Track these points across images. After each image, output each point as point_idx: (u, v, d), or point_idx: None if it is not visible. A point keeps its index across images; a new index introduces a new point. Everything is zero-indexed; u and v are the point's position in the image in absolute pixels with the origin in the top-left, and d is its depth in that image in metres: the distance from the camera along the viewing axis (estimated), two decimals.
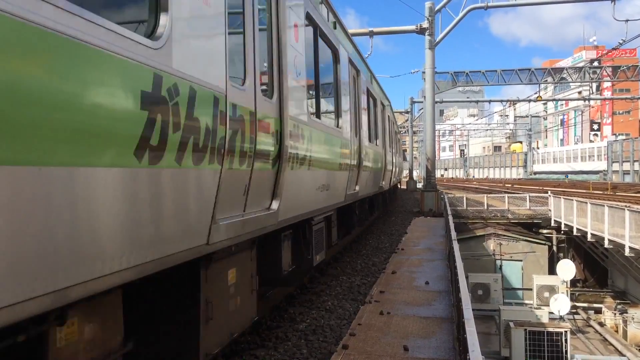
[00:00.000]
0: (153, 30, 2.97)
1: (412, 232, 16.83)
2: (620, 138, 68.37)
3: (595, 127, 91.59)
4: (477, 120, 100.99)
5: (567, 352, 15.95)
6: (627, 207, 17.53)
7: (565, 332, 16.24)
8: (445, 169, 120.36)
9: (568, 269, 21.39)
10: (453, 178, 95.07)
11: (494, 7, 25.94)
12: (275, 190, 4.98)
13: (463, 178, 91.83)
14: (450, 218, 16.26)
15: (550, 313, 19.58)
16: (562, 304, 19.31)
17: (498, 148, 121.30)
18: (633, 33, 30.84)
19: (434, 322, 6.71)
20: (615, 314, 21.41)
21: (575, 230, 22.01)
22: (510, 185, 47.48)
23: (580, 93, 76.71)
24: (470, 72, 39.05)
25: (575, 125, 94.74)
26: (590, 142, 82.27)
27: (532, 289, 22.48)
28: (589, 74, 40.32)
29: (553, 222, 25.80)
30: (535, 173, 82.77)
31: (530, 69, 39.91)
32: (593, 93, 69.24)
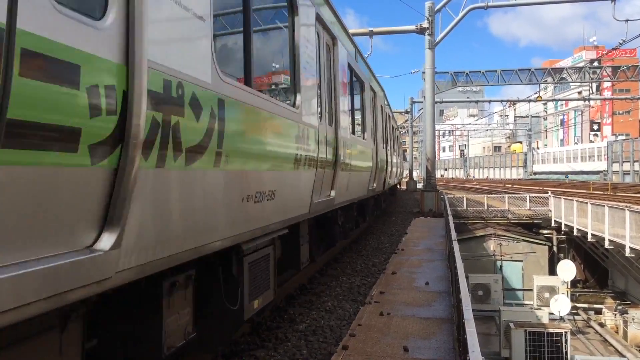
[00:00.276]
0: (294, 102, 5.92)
1: (412, 232, 16.82)
2: (620, 138, 68.38)
3: (595, 127, 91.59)
4: (477, 121, 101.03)
5: (567, 352, 15.94)
6: (627, 207, 17.53)
7: (566, 332, 16.23)
8: (445, 169, 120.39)
9: (568, 270, 21.38)
10: (453, 178, 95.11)
11: (494, 6, 25.94)
12: None
13: (463, 178, 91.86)
14: (451, 218, 16.25)
15: (551, 314, 19.57)
16: (562, 305, 19.29)
17: (498, 148, 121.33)
18: (633, 33, 30.81)
19: (434, 322, 6.70)
20: (616, 315, 21.39)
21: (576, 231, 22.00)
22: (511, 186, 47.49)
23: (580, 93, 76.68)
24: (470, 72, 39.06)
25: (575, 126, 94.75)
26: (590, 142, 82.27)
27: (532, 290, 22.47)
28: (589, 74, 40.31)
29: (553, 222, 25.79)
30: (536, 173, 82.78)
31: (530, 69, 39.92)
32: (593, 93, 69.21)
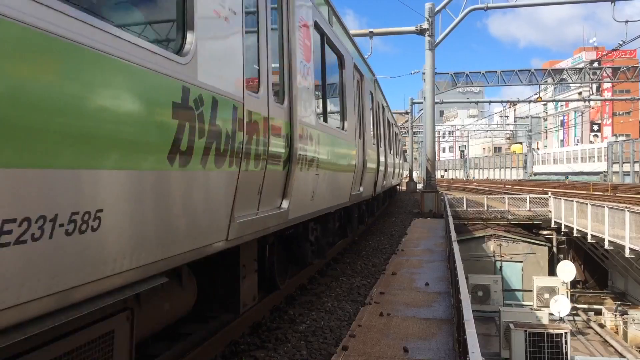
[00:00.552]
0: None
1: (412, 233, 16.82)
2: (621, 139, 68.38)
3: (596, 128, 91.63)
4: (477, 121, 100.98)
5: (567, 353, 15.95)
6: (627, 208, 17.53)
7: (566, 333, 16.24)
8: (445, 170, 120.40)
9: (568, 270, 21.40)
10: (453, 179, 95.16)
11: (494, 7, 25.96)
12: None
13: (463, 179, 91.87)
14: (450, 219, 16.25)
15: (551, 314, 19.59)
16: (562, 306, 19.31)
17: (498, 149, 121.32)
18: (633, 34, 30.87)
19: (434, 323, 6.70)
20: (616, 316, 21.40)
21: (576, 232, 22.01)
22: (511, 186, 47.50)
23: (580, 94, 76.77)
24: (470, 72, 39.10)
25: (576, 126, 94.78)
26: (591, 143, 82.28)
27: (532, 290, 22.49)
28: (589, 75, 40.35)
29: (553, 223, 25.80)
30: (536, 174, 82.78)
31: (530, 70, 39.95)
32: (593, 94, 69.27)
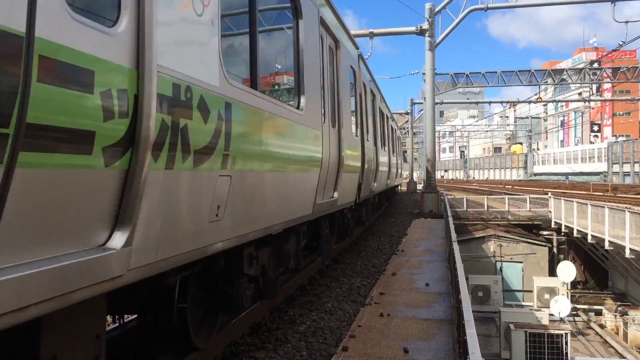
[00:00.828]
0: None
1: (412, 233, 16.81)
2: (621, 139, 68.36)
3: (596, 128, 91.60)
4: (477, 122, 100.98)
5: (567, 354, 15.94)
6: (627, 208, 17.52)
7: (566, 334, 16.23)
8: (446, 170, 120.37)
9: (568, 271, 21.38)
10: (453, 179, 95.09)
11: (494, 8, 25.96)
12: None
13: (463, 179, 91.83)
14: (451, 219, 16.23)
15: (551, 315, 19.58)
16: (562, 306, 19.30)
17: (498, 149, 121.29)
18: (633, 34, 30.88)
19: (434, 324, 6.70)
20: (616, 316, 21.38)
21: (576, 232, 21.99)
22: (511, 187, 47.48)
23: (581, 94, 76.73)
24: (471, 73, 39.08)
25: (576, 127, 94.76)
26: (591, 143, 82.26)
27: (532, 291, 22.47)
28: (589, 76, 40.33)
29: (553, 223, 25.78)
30: (536, 174, 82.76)
31: (531, 71, 39.93)
32: (593, 94, 69.18)
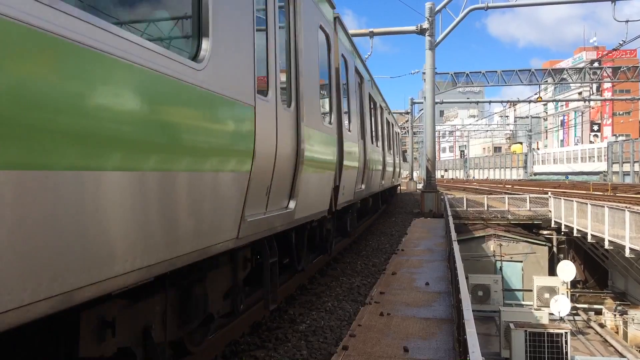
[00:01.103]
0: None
1: (412, 233, 16.82)
2: (621, 139, 68.37)
3: (596, 128, 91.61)
4: (477, 121, 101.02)
5: (567, 353, 15.96)
6: (627, 208, 17.52)
7: (566, 333, 16.25)
8: (446, 170, 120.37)
9: (568, 270, 21.39)
10: (453, 179, 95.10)
11: (494, 7, 25.94)
12: None
13: (463, 179, 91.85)
14: (451, 219, 16.24)
15: (551, 314, 19.59)
16: (562, 305, 19.31)
17: (498, 149, 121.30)
18: (633, 34, 30.89)
19: (434, 323, 6.70)
20: (616, 315, 21.40)
21: (576, 231, 22.01)
22: (511, 186, 47.48)
23: (581, 94, 76.75)
24: (471, 72, 39.09)
25: (576, 126, 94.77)
26: (591, 143, 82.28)
27: (532, 290, 22.48)
28: (589, 75, 40.33)
29: (553, 223, 25.80)
30: (536, 174, 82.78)
31: (531, 70, 39.94)
32: (593, 94, 69.23)
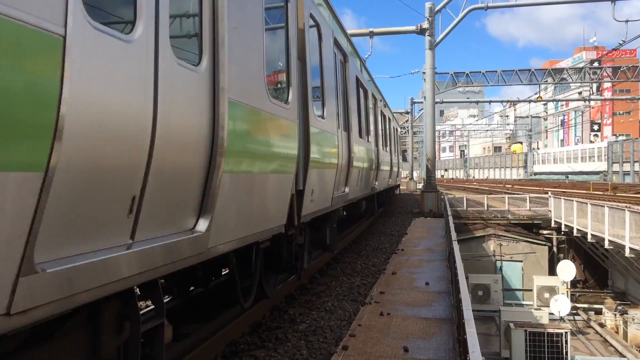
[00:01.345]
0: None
1: (412, 232, 16.81)
2: (621, 139, 68.37)
3: (596, 127, 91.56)
4: (477, 121, 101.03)
5: (567, 353, 15.95)
6: (627, 207, 17.52)
7: (566, 333, 16.24)
8: (446, 170, 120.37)
9: (568, 270, 21.38)
10: (453, 179, 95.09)
11: (494, 7, 25.93)
12: None
13: (463, 179, 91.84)
14: (451, 219, 16.24)
15: (551, 314, 19.58)
16: (562, 305, 19.30)
17: (498, 149, 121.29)
18: (633, 33, 30.89)
19: (434, 323, 6.70)
20: (616, 315, 21.39)
21: (576, 231, 22.00)
22: (511, 186, 47.48)
23: (581, 94, 76.72)
24: (471, 72, 39.11)
25: (576, 126, 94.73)
26: (591, 142, 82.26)
27: (532, 290, 22.48)
28: (589, 75, 40.33)
29: (553, 222, 25.79)
30: (536, 174, 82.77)
31: (531, 70, 39.95)
32: (593, 94, 69.18)
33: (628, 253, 17.05)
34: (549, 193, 28.04)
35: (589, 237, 20.33)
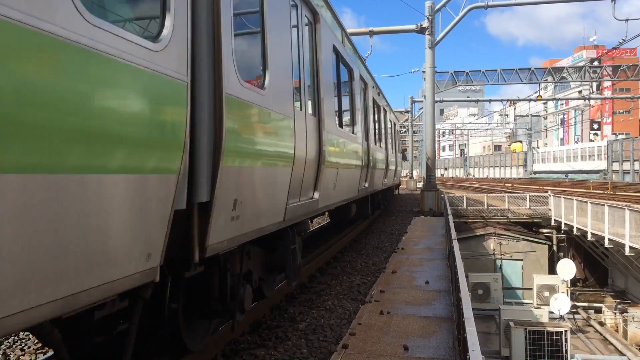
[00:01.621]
0: None
1: (412, 231, 16.82)
2: (621, 137, 68.38)
3: (596, 126, 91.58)
4: (477, 120, 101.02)
5: (567, 351, 15.95)
6: (627, 206, 17.54)
7: (566, 331, 16.24)
8: (446, 169, 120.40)
9: (568, 269, 21.39)
10: (453, 177, 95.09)
11: (494, 6, 25.90)
12: None
13: (463, 177, 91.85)
14: (451, 217, 16.26)
15: (551, 312, 19.58)
16: (562, 304, 19.30)
17: (498, 147, 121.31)
18: (633, 32, 30.88)
19: (434, 321, 6.71)
20: (616, 314, 21.41)
21: (576, 230, 22.01)
22: (511, 185, 47.48)
23: (581, 92, 76.70)
24: (471, 71, 39.05)
25: (576, 125, 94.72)
26: (591, 141, 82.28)
27: (532, 289, 22.48)
28: (589, 74, 40.31)
29: (553, 221, 25.80)
30: (536, 172, 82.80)
31: (531, 69, 39.91)
32: (593, 92, 69.18)
33: (628, 252, 17.06)
34: (549, 192, 28.04)
35: (589, 235, 20.35)
